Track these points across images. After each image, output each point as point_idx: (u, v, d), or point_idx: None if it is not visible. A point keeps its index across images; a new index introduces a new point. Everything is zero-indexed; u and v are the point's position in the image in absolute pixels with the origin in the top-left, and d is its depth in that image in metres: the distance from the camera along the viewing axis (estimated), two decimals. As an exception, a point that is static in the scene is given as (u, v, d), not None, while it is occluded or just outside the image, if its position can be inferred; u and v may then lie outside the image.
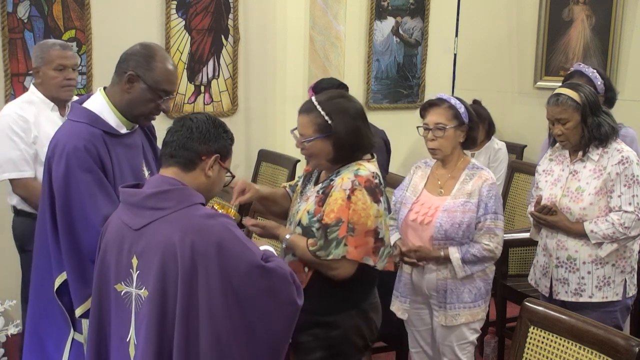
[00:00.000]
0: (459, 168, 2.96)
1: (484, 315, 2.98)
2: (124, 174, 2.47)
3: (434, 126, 2.91)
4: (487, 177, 2.91)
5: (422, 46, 5.68)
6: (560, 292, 3.04)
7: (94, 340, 2.17)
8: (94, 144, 2.38)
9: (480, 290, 2.94)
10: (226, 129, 2.19)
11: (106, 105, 2.47)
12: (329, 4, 4.67)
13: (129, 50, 2.48)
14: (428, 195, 2.98)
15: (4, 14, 4.20)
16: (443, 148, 2.92)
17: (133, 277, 2.05)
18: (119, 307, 2.09)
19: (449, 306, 2.91)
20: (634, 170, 2.91)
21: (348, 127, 2.47)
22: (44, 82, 3.40)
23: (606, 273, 2.97)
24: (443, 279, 2.90)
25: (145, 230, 2.03)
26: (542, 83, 5.48)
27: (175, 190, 2.05)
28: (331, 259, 2.39)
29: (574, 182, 3.00)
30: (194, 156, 2.09)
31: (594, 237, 2.92)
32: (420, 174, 3.09)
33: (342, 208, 2.39)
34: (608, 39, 5.10)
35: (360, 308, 2.54)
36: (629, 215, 2.89)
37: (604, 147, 2.96)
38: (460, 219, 2.85)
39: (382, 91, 5.58)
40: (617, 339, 2.17)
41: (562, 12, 5.39)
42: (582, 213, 2.95)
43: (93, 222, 2.33)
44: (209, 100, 4.94)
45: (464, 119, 2.91)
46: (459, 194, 2.90)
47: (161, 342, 1.99)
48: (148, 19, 4.61)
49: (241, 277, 1.98)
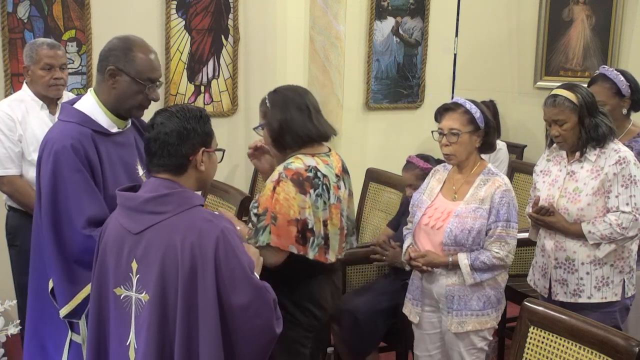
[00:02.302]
0: (475, 173, 2.92)
1: (494, 324, 2.93)
2: (117, 173, 2.46)
3: (448, 131, 2.87)
4: (501, 184, 2.86)
5: (422, 46, 5.68)
6: (559, 293, 3.03)
7: (93, 343, 2.17)
8: (81, 142, 2.37)
9: (490, 298, 2.89)
10: (198, 113, 2.12)
11: (96, 105, 2.46)
12: (329, 4, 4.66)
13: (107, 46, 2.46)
14: (443, 200, 2.96)
15: (4, 14, 4.20)
16: (457, 154, 2.88)
17: (133, 281, 2.05)
18: (119, 311, 2.09)
19: (457, 312, 2.87)
20: (631, 170, 2.89)
21: (278, 118, 2.62)
22: (33, 80, 3.44)
23: (605, 274, 2.95)
24: (452, 284, 2.87)
25: (145, 234, 2.03)
26: (542, 83, 5.49)
27: (174, 193, 2.05)
28: (259, 246, 2.47)
29: (572, 182, 2.98)
30: (182, 160, 2.08)
31: (591, 237, 2.90)
32: (438, 177, 3.06)
33: (268, 198, 2.53)
34: (608, 39, 5.11)
35: (292, 299, 2.61)
36: (627, 216, 2.87)
37: (601, 147, 2.94)
38: (471, 225, 2.82)
39: (382, 91, 5.58)
40: (617, 339, 2.16)
41: (562, 12, 5.40)
42: (580, 214, 2.93)
43: (76, 223, 2.33)
44: (209, 100, 4.94)
45: (479, 124, 2.87)
46: (471, 199, 2.87)
47: (162, 346, 2.00)
48: (148, 19, 4.61)
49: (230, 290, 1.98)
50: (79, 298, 2.34)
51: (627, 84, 3.29)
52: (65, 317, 2.39)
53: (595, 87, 3.27)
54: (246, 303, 2.00)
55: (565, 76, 5.31)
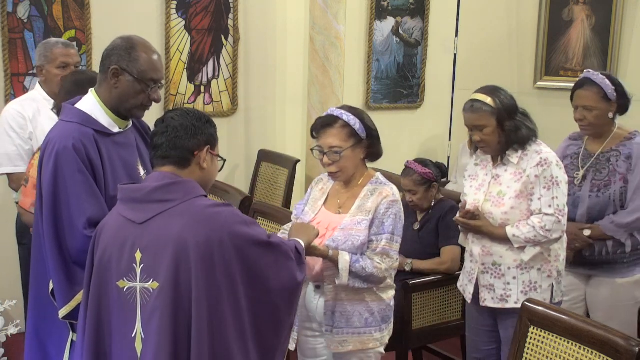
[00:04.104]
0: (361, 185, 2.75)
1: (377, 344, 2.71)
2: (118, 173, 2.46)
3: (329, 150, 2.67)
4: (389, 194, 2.68)
5: (422, 46, 5.68)
6: (486, 299, 2.97)
7: (92, 340, 2.16)
8: (83, 143, 2.37)
9: (373, 315, 2.69)
10: (207, 117, 2.23)
11: (97, 105, 2.47)
12: (329, 4, 4.66)
13: (110, 46, 2.47)
14: (326, 214, 2.78)
15: (4, 14, 4.20)
16: (344, 170, 2.70)
17: (137, 272, 2.06)
18: (122, 304, 2.09)
19: (336, 331, 2.66)
20: (552, 171, 2.84)
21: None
22: (48, 80, 3.50)
23: (532, 278, 2.90)
24: (331, 300, 2.67)
25: (151, 223, 2.05)
26: (542, 83, 5.48)
27: (180, 182, 2.10)
28: None
29: (496, 186, 2.94)
30: (187, 153, 2.14)
31: (516, 241, 2.85)
32: (321, 187, 2.88)
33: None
34: (608, 39, 5.10)
35: None
36: (550, 218, 2.82)
37: (523, 150, 2.89)
38: (356, 236, 2.63)
39: (382, 91, 5.58)
40: (617, 339, 2.16)
41: (562, 12, 5.39)
42: (504, 217, 2.88)
43: (77, 224, 2.33)
44: (209, 100, 4.94)
45: (361, 136, 2.70)
46: (357, 211, 2.69)
47: (176, 332, 2.01)
48: (148, 19, 4.61)
49: (253, 255, 2.09)
50: (79, 299, 2.34)
51: (613, 87, 3.17)
52: (64, 317, 2.39)
53: (582, 92, 3.18)
54: (270, 262, 2.14)
55: (565, 76, 5.30)
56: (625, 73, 5.01)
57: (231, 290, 2.04)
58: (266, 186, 4.90)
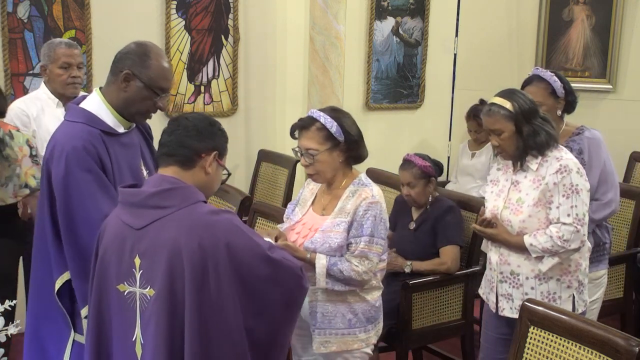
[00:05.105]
0: (344, 187, 2.72)
1: (363, 345, 2.69)
2: (123, 173, 2.47)
3: (305, 151, 2.67)
4: (368, 195, 2.64)
5: (422, 46, 5.68)
6: (505, 309, 2.90)
7: (93, 343, 2.16)
8: (92, 143, 2.39)
9: (357, 316, 2.67)
10: (221, 127, 2.21)
11: (103, 105, 2.47)
12: (329, 4, 4.66)
13: (124, 50, 2.48)
14: (312, 215, 2.78)
15: (4, 14, 4.20)
16: (320, 173, 2.69)
17: (136, 277, 2.05)
18: (122, 308, 2.09)
19: (319, 332, 2.66)
20: (572, 179, 2.75)
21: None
22: (51, 79, 3.56)
23: (550, 289, 2.82)
24: (314, 300, 2.66)
25: (148, 229, 2.03)
26: (542, 83, 5.48)
27: (178, 188, 2.06)
28: None
29: (515, 193, 2.86)
30: (193, 154, 2.11)
31: (533, 250, 2.78)
32: (311, 187, 2.88)
33: None
34: (608, 39, 5.11)
35: None
36: (568, 228, 2.73)
37: (542, 155, 2.81)
38: (333, 238, 2.63)
39: (382, 91, 5.58)
40: (617, 339, 2.16)
41: (562, 12, 5.40)
42: (522, 226, 2.81)
43: (95, 222, 2.32)
44: (209, 100, 4.94)
45: (338, 139, 2.65)
46: (338, 213, 2.67)
47: (172, 339, 2.00)
48: (148, 19, 4.61)
49: (250, 268, 2.03)
50: None
51: (561, 84, 3.21)
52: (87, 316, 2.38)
53: (531, 88, 3.19)
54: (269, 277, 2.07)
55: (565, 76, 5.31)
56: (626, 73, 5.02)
57: (225, 300, 1.99)
58: (266, 186, 4.90)
